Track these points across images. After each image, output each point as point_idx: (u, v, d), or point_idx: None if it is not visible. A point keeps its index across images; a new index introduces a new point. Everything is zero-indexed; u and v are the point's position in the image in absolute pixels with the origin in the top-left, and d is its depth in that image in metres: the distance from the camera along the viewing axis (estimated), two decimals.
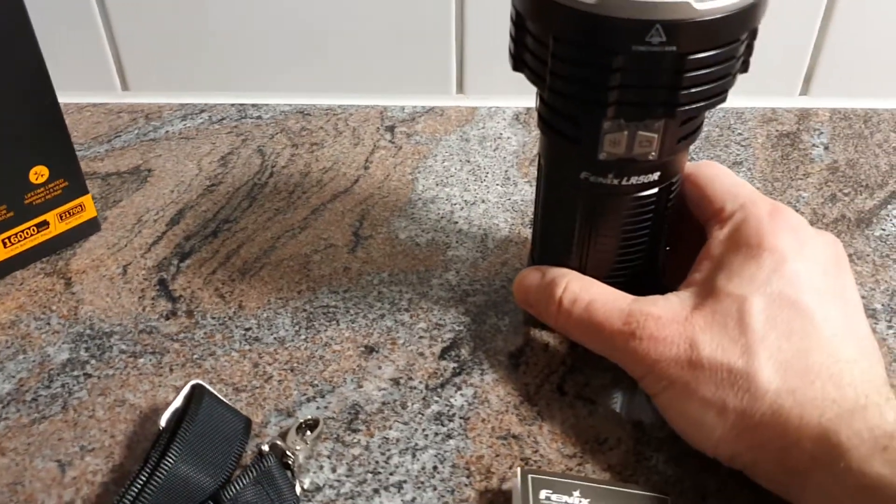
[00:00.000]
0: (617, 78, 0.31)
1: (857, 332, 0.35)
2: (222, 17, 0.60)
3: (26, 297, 0.46)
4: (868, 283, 0.46)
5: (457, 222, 0.51)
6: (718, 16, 0.29)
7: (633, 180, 0.36)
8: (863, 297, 0.45)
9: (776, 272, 0.34)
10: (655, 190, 0.37)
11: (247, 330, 0.44)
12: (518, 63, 0.35)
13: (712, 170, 0.40)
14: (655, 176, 0.36)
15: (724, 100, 0.33)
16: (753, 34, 0.33)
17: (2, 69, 0.42)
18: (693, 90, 0.31)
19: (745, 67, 0.34)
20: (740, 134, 0.58)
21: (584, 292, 0.38)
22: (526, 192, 0.53)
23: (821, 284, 0.35)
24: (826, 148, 0.57)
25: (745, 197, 0.38)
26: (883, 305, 0.45)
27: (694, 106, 0.32)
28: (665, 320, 0.35)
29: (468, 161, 0.56)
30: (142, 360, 0.42)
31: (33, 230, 0.47)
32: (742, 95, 0.60)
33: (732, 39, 0.31)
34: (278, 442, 0.37)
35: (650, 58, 0.30)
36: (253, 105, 0.62)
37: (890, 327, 0.44)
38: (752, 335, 0.33)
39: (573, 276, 0.39)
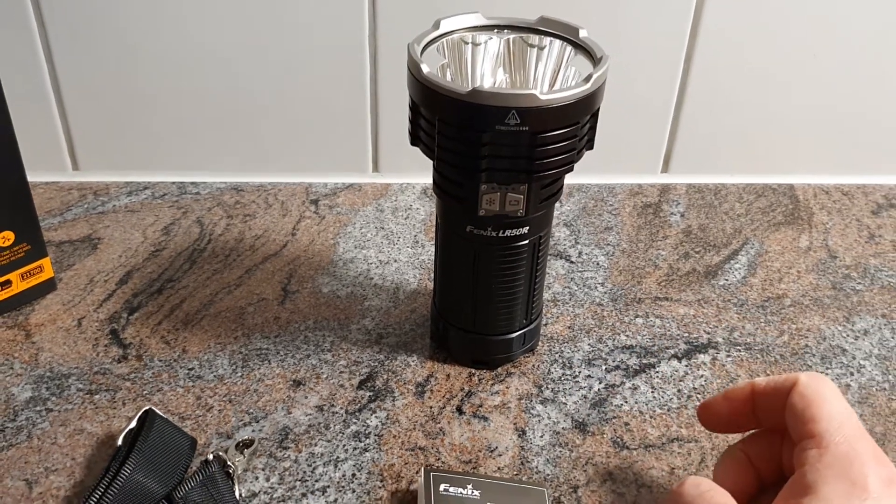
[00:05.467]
0: (487, 150, 0.41)
1: None
2: (165, 104, 0.68)
3: None
4: (712, 321, 0.56)
5: (373, 278, 0.59)
6: (560, 104, 0.39)
7: (508, 233, 0.45)
8: (707, 334, 0.55)
9: None
10: (526, 242, 0.46)
11: (190, 370, 0.51)
12: (414, 139, 0.45)
13: (823, 387, 0.38)
14: (525, 230, 0.45)
15: (571, 169, 0.43)
16: (594, 118, 0.43)
17: None
18: (545, 160, 0.41)
19: (590, 144, 0.44)
20: (611, 205, 0.69)
21: None
22: (432, 253, 0.62)
23: None
24: (682, 215, 0.68)
25: (850, 430, 0.36)
26: (723, 339, 0.55)
27: (547, 173, 0.42)
28: None
29: (383, 228, 0.65)
30: (97, 396, 0.49)
31: None
32: (613, 173, 0.71)
33: (574, 122, 0.41)
34: (221, 453, 0.44)
35: (510, 135, 0.40)
36: (192, 182, 0.70)
37: (728, 356, 0.53)
38: None
39: None
